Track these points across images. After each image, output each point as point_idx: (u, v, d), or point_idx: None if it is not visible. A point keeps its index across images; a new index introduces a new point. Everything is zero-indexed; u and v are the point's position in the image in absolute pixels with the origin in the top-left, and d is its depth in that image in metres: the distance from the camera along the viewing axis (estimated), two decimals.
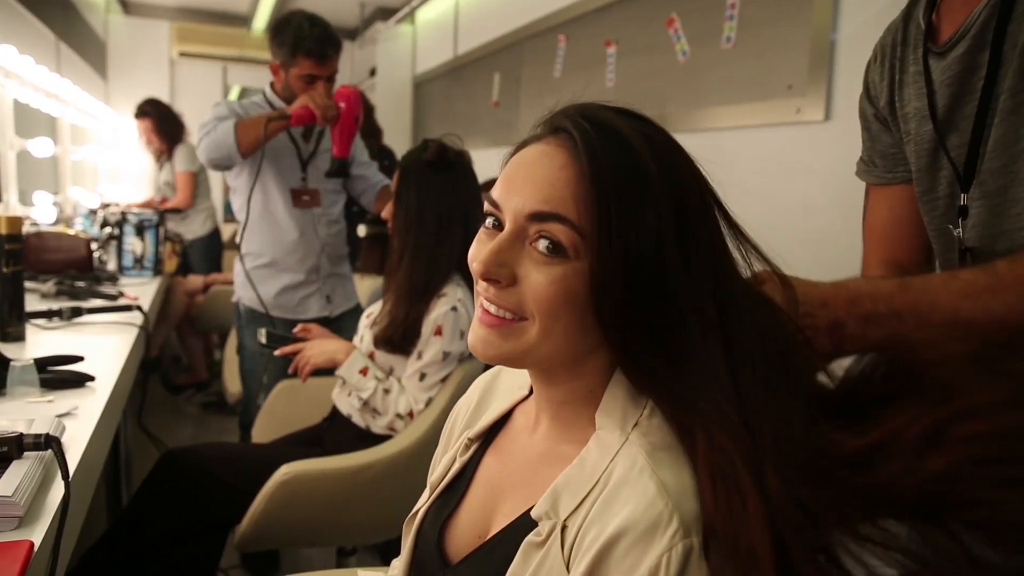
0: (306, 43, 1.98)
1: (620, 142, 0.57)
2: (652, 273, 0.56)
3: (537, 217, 0.58)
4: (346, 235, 2.35)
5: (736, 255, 0.62)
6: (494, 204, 0.61)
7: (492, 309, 0.61)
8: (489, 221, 0.63)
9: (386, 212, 1.64)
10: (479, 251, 0.62)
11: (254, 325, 2.11)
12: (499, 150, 0.65)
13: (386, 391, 1.55)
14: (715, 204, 0.61)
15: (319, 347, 1.59)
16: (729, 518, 0.51)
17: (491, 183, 0.64)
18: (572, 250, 0.57)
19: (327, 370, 1.59)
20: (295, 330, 1.69)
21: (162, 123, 3.92)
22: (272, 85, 2.18)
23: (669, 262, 0.56)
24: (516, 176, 0.61)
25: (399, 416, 1.54)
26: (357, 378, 1.55)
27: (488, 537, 0.68)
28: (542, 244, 0.58)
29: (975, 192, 0.75)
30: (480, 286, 0.62)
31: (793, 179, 2.02)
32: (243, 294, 2.22)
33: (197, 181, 3.94)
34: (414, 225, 1.55)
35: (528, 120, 0.64)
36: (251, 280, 2.16)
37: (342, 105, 2.00)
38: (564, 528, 0.58)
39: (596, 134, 0.57)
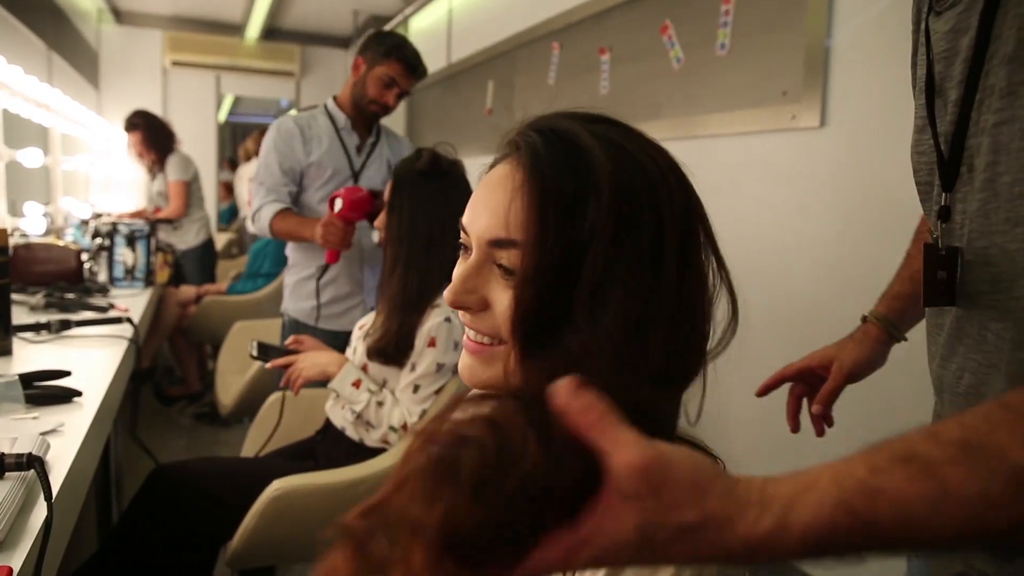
0: (404, 51, 2.10)
1: (567, 151, 0.55)
2: (568, 279, 0.53)
3: (496, 244, 0.58)
4: None
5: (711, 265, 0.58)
6: (464, 230, 0.61)
7: (471, 335, 0.61)
8: (462, 246, 0.62)
9: (379, 222, 1.62)
10: (455, 275, 0.61)
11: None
12: (493, 158, 0.63)
13: (379, 404, 1.53)
14: (676, 215, 0.55)
15: (311, 359, 1.57)
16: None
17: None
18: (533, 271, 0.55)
19: (320, 383, 1.57)
20: (287, 342, 1.67)
21: (152, 134, 3.87)
22: (336, 97, 2.21)
23: (590, 271, 0.52)
24: (478, 201, 0.60)
25: (393, 429, 1.52)
26: (350, 391, 1.53)
27: None
28: (506, 265, 0.57)
29: (963, 184, 0.70)
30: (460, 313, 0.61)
31: (789, 185, 2.02)
32: (290, 305, 2.23)
33: (190, 191, 3.91)
34: (407, 235, 1.54)
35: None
36: (298, 291, 2.19)
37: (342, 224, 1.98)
38: None
39: (543, 146, 0.55)
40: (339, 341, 2.04)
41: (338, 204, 1.91)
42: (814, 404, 0.92)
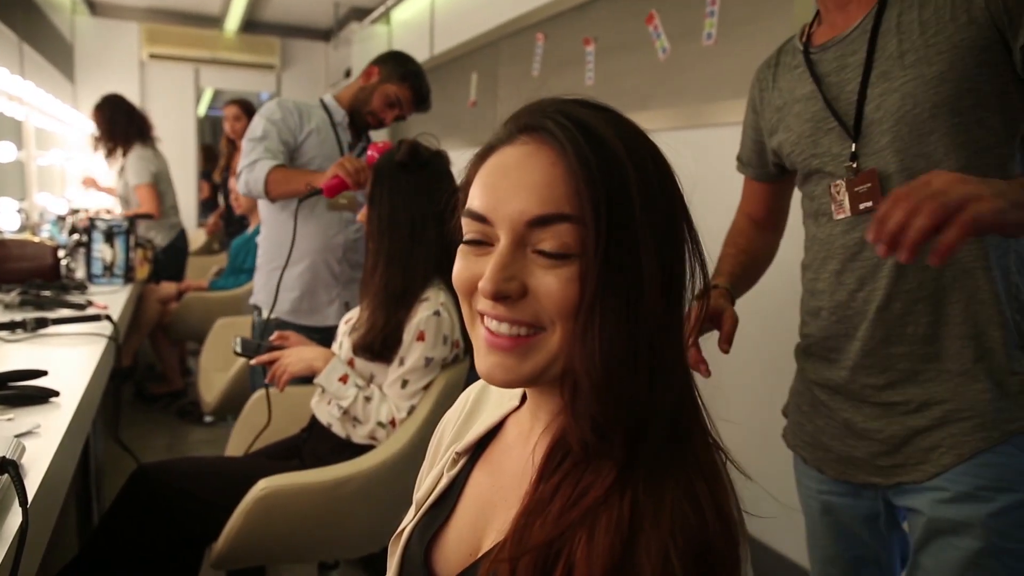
0: (420, 81, 2.16)
1: (593, 132, 0.57)
2: (634, 259, 0.56)
3: (539, 221, 0.55)
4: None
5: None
6: (480, 218, 0.58)
7: (504, 329, 0.57)
8: (469, 236, 0.59)
9: (361, 215, 1.59)
10: (467, 269, 0.59)
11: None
12: (477, 150, 0.62)
13: (367, 399, 1.50)
14: (675, 194, 0.60)
15: (296, 355, 1.54)
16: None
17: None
18: (580, 247, 0.55)
19: (306, 379, 1.54)
20: (272, 337, 1.63)
21: (111, 112, 3.68)
22: (338, 96, 2.18)
23: (646, 246, 0.56)
24: (502, 183, 0.57)
25: (381, 425, 1.50)
26: (337, 386, 1.50)
27: (481, 554, 0.65)
28: (548, 246, 0.55)
29: (866, 140, 0.99)
30: (485, 305, 0.58)
31: None
32: (261, 298, 2.19)
33: (159, 191, 3.77)
34: (387, 228, 1.51)
35: (506, 119, 0.61)
36: (270, 284, 2.13)
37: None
38: None
39: (575, 127, 0.56)
40: (316, 337, 2.01)
41: (371, 153, 1.87)
42: (722, 344, 1.05)
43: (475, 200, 0.59)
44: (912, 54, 0.94)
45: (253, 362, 1.59)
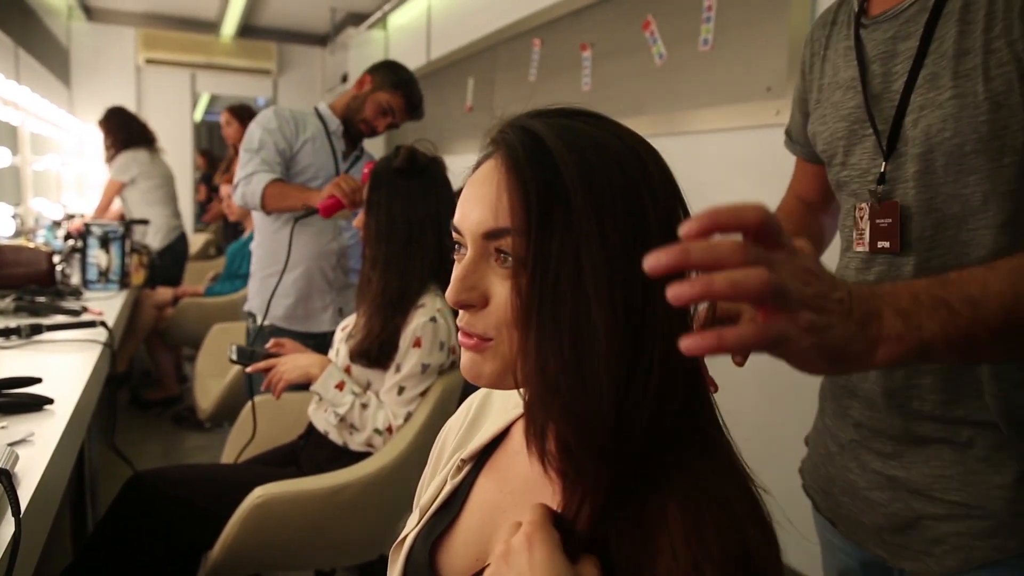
0: (412, 89, 2.15)
1: (540, 142, 0.57)
2: (560, 262, 0.55)
3: (491, 235, 0.58)
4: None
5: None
6: (455, 229, 0.62)
7: (468, 331, 0.61)
8: (456, 247, 0.63)
9: (358, 222, 1.59)
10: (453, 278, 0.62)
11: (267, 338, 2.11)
12: (474, 155, 0.64)
13: (364, 406, 1.50)
14: (645, 199, 0.57)
15: (292, 362, 1.53)
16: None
17: (460, 192, 0.62)
18: (523, 258, 0.56)
19: (302, 386, 1.54)
20: (267, 345, 1.63)
21: (113, 123, 3.78)
22: (332, 105, 2.18)
23: (591, 257, 0.54)
24: (467, 199, 0.61)
25: (377, 432, 1.49)
26: (333, 393, 1.50)
27: (488, 561, 0.64)
28: (500, 258, 0.58)
29: (898, 161, 0.80)
30: (459, 314, 0.61)
31: (773, 182, 2.00)
32: (255, 304, 2.19)
33: (124, 191, 3.79)
34: (385, 234, 1.51)
35: None
36: (264, 290, 2.13)
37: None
38: None
39: (518, 142, 0.58)
40: (311, 343, 2.00)
41: (367, 171, 1.87)
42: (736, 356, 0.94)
43: (456, 212, 0.62)
44: (969, 58, 0.72)
45: (249, 370, 1.58)
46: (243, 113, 4.09)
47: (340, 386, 1.50)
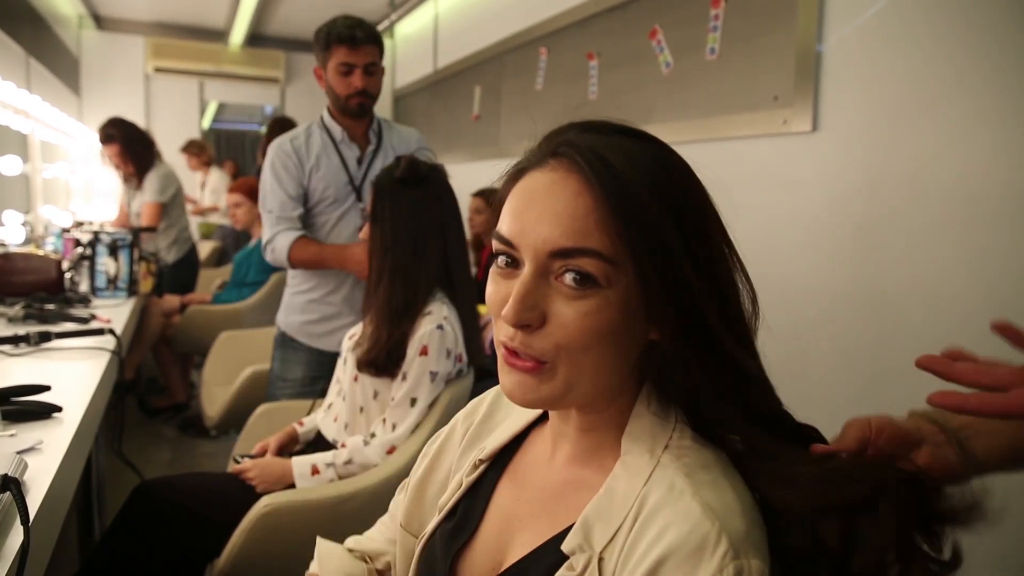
0: (336, 31, 2.00)
1: (626, 161, 0.56)
2: (682, 279, 0.56)
3: (561, 254, 0.56)
4: None
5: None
6: (507, 243, 0.59)
7: (520, 351, 0.58)
8: (501, 259, 0.60)
9: (363, 232, 1.59)
10: (497, 293, 0.60)
11: (283, 351, 2.13)
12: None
13: (347, 462, 1.49)
14: (712, 215, 0.62)
15: (260, 477, 1.51)
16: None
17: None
18: (604, 280, 0.55)
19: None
20: (255, 450, 1.63)
21: (130, 146, 3.67)
22: (328, 108, 2.13)
23: (689, 270, 0.56)
24: (529, 211, 0.58)
25: (376, 464, 1.49)
26: (316, 479, 1.48)
27: (503, 569, 0.65)
28: (570, 278, 0.56)
29: None
30: (505, 333, 0.59)
31: (781, 190, 2.00)
32: (281, 318, 2.18)
33: (165, 210, 3.78)
34: (390, 244, 1.51)
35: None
36: (290, 305, 2.14)
37: None
38: (601, 560, 0.56)
39: (603, 156, 0.56)
40: (325, 358, 2.00)
41: None
42: None
43: (504, 224, 0.59)
44: None
45: (229, 469, 1.59)
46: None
47: (315, 470, 1.49)
